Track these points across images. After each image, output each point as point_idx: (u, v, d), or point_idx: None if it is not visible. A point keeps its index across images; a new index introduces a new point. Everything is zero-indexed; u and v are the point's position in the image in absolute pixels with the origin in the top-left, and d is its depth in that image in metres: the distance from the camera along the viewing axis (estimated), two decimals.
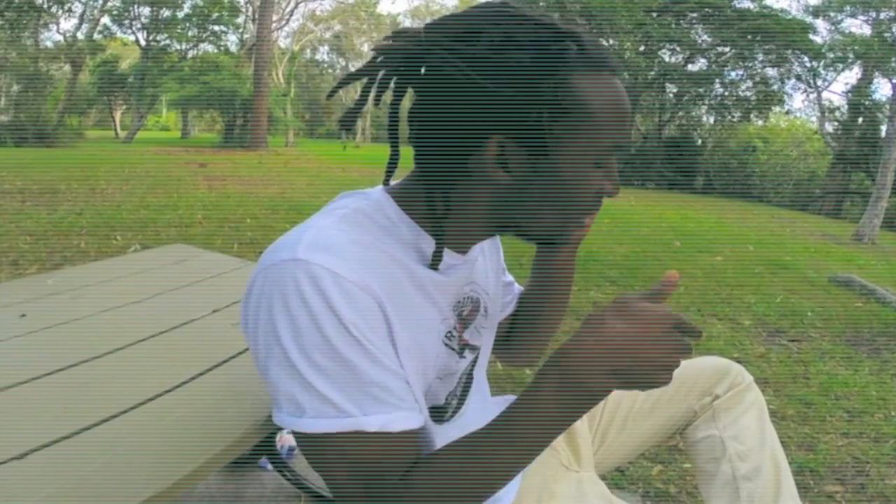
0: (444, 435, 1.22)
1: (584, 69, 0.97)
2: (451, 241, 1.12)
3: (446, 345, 1.18)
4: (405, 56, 0.99)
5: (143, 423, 1.34)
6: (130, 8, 31.55)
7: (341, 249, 0.96)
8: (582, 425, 1.66)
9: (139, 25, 32.73)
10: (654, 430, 1.69)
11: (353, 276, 0.94)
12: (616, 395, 1.71)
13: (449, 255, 1.13)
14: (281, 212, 9.39)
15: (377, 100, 1.05)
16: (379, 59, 1.01)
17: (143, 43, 33.27)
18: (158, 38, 33.58)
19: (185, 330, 1.90)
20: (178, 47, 35.06)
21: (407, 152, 1.11)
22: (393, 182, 1.17)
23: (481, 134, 0.98)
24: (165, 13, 32.43)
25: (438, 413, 1.22)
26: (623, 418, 1.70)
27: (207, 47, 36.38)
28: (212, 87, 29.56)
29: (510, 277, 1.56)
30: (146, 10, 32.17)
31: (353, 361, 0.93)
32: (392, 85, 1.03)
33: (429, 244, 1.09)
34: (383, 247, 1.03)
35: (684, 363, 1.76)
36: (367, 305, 0.95)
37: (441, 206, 1.07)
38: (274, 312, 0.94)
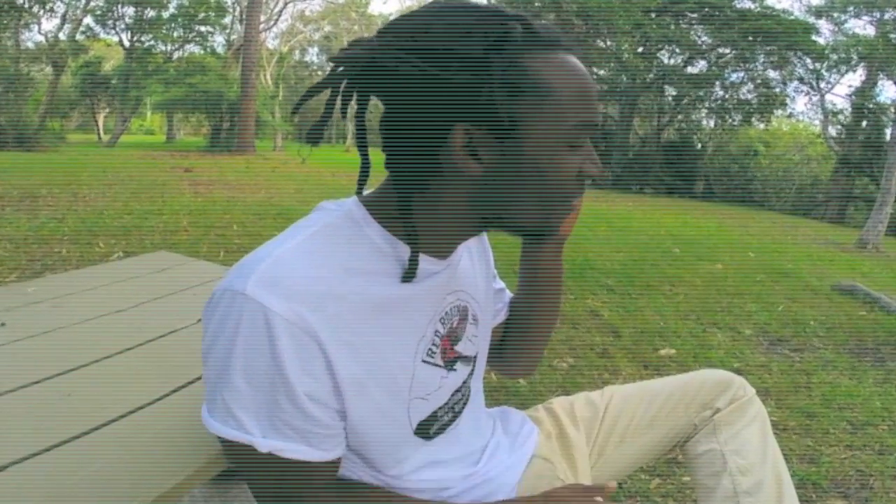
0: (432, 451, 1.24)
1: (535, 49, 1.00)
2: (429, 246, 1.13)
3: (428, 363, 1.19)
4: (362, 63, 1.00)
5: (126, 435, 1.35)
6: (114, 8, 31.50)
7: (290, 286, 0.99)
8: (579, 438, 1.67)
9: (123, 26, 32.69)
10: (654, 443, 1.69)
11: (294, 318, 0.97)
12: (615, 408, 1.73)
13: (428, 262, 1.14)
14: (268, 218, 9.38)
15: (343, 111, 1.06)
16: (339, 70, 1.02)
17: (126, 44, 33.20)
18: (143, 38, 33.52)
19: (169, 340, 1.90)
20: (163, 48, 35.01)
21: (379, 160, 1.12)
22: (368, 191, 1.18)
23: (445, 124, 0.99)
24: (150, 13, 32.37)
25: (424, 427, 1.23)
26: (622, 432, 1.70)
27: (193, 48, 36.38)
28: (198, 90, 29.57)
29: (501, 284, 1.57)
30: (130, 10, 32.11)
31: (273, 396, 0.99)
32: (355, 94, 1.05)
33: (406, 252, 1.10)
34: (349, 271, 1.05)
35: (686, 375, 1.77)
36: (305, 345, 0.99)
37: (415, 209, 1.08)
38: (218, 332, 0.99)
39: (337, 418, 1.06)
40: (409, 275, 1.09)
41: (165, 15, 33.08)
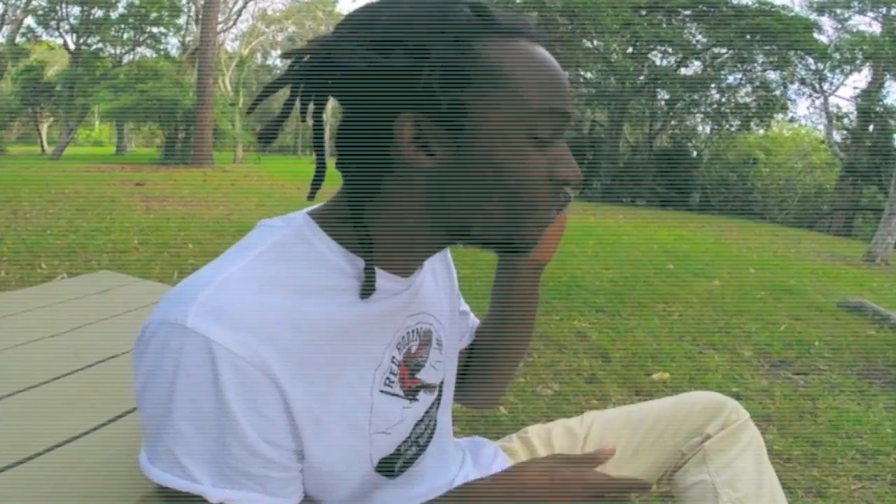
0: (393, 488, 1.21)
1: (488, 34, 0.99)
2: (387, 260, 1.11)
3: (386, 393, 1.16)
4: (318, 60, 0.99)
5: (60, 467, 1.33)
6: (58, 7, 31.47)
7: (237, 315, 0.95)
8: None
9: (68, 27, 32.71)
10: (639, 474, 1.66)
11: (243, 351, 0.93)
12: (595, 436, 1.72)
13: (387, 280, 1.12)
14: (227, 236, 9.36)
15: (302, 112, 1.04)
16: (296, 67, 1.01)
17: (72, 47, 33.19)
18: (90, 41, 33.53)
19: (108, 365, 1.87)
20: (112, 52, 35.06)
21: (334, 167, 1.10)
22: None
23: (390, 114, 0.98)
24: (97, 13, 32.38)
25: (387, 465, 1.20)
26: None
27: (145, 52, 36.50)
28: (150, 97, 29.41)
29: (466, 306, 1.55)
30: (75, 10, 32.14)
31: (222, 441, 0.94)
32: (313, 95, 1.04)
33: (362, 269, 1.08)
34: (302, 294, 1.02)
35: (673, 398, 1.75)
36: (257, 382, 0.95)
37: (369, 214, 1.06)
38: (155, 370, 0.95)
39: (294, 459, 1.03)
40: (367, 289, 1.07)
41: (114, 15, 33.12)
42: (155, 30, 35.29)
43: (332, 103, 1.11)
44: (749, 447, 1.59)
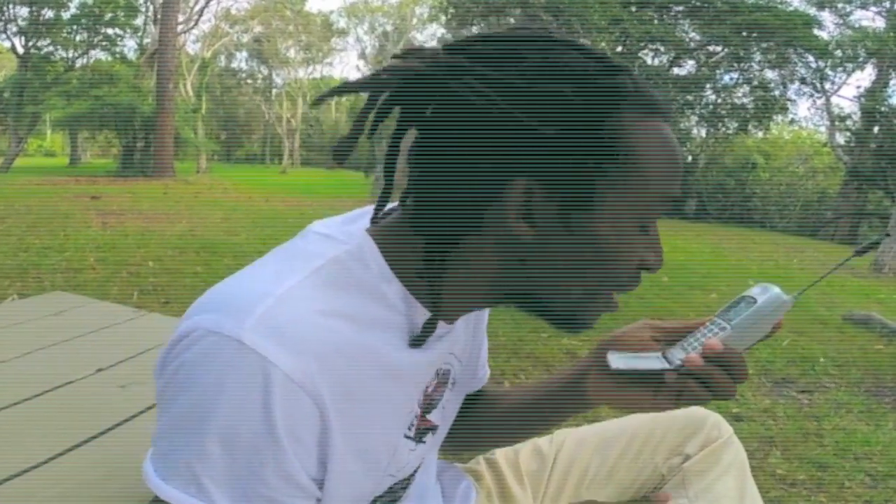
0: None
1: (634, 111, 0.96)
2: (444, 311, 1.08)
3: (407, 437, 1.15)
4: (417, 78, 0.95)
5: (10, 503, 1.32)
6: (4, 8, 31.31)
7: (299, 337, 0.91)
8: (524, 496, 1.64)
9: (15, 29, 32.52)
10: (615, 497, 1.66)
11: (300, 377, 0.90)
12: (566, 456, 1.70)
13: (438, 327, 1.08)
14: (190, 252, 9.34)
15: (373, 130, 0.98)
16: (384, 77, 0.96)
17: (20, 50, 33.02)
18: (40, 44, 33.36)
19: (60, 393, 1.86)
20: (64, 55, 34.86)
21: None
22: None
23: (504, 174, 0.94)
24: (48, 13, 32.22)
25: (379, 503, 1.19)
26: (576, 484, 1.67)
27: (100, 55, 36.28)
28: (106, 103, 29.22)
29: (485, 352, 1.51)
30: (24, 11, 31.95)
31: (257, 467, 0.90)
32: (396, 111, 0.99)
33: (418, 313, 1.05)
34: (360, 325, 0.99)
35: (650, 414, 1.74)
36: (306, 410, 0.91)
37: (441, 265, 1.02)
38: (191, 381, 0.91)
39: (318, 490, 0.99)
40: (419, 340, 1.05)
41: (66, 15, 32.93)
42: (110, 31, 35.13)
43: None
44: (731, 468, 1.58)
